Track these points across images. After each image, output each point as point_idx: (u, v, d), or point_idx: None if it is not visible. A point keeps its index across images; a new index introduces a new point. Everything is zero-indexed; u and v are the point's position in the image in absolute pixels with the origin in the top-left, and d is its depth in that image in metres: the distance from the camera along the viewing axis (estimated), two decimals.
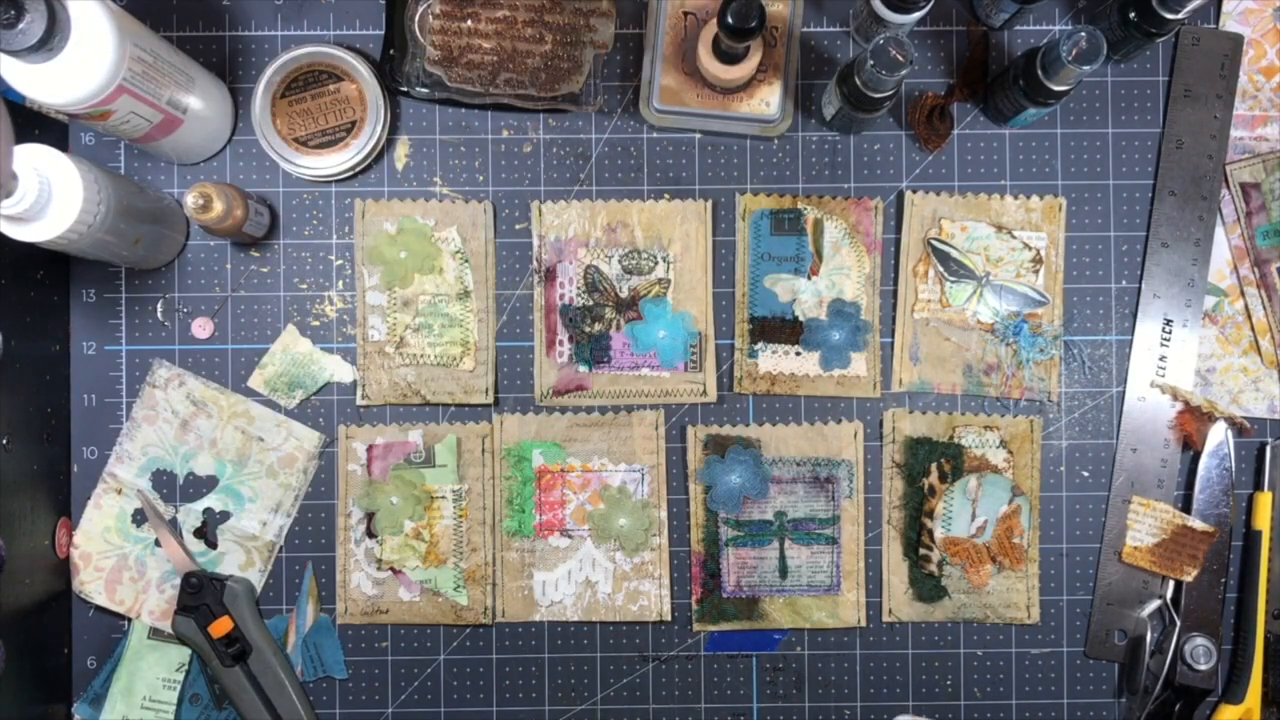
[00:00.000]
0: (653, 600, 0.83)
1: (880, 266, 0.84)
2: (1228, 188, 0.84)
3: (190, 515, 0.83)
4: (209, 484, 0.83)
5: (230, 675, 0.80)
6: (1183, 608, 0.82)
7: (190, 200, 0.74)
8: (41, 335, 0.81)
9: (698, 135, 0.85)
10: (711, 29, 0.77)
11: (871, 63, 0.72)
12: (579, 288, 0.83)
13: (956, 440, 0.83)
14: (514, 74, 0.82)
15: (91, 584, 0.83)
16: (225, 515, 0.83)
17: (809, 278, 0.84)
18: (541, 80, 0.83)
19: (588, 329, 0.83)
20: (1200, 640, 0.80)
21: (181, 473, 0.83)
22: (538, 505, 0.83)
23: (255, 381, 0.84)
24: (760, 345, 0.83)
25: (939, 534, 0.83)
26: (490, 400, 0.83)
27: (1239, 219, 0.84)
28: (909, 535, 0.83)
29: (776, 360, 0.84)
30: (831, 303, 0.83)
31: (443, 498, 0.83)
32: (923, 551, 0.83)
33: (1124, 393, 0.84)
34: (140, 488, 0.83)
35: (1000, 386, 0.83)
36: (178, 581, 0.82)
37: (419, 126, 0.84)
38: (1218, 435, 0.82)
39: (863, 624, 0.83)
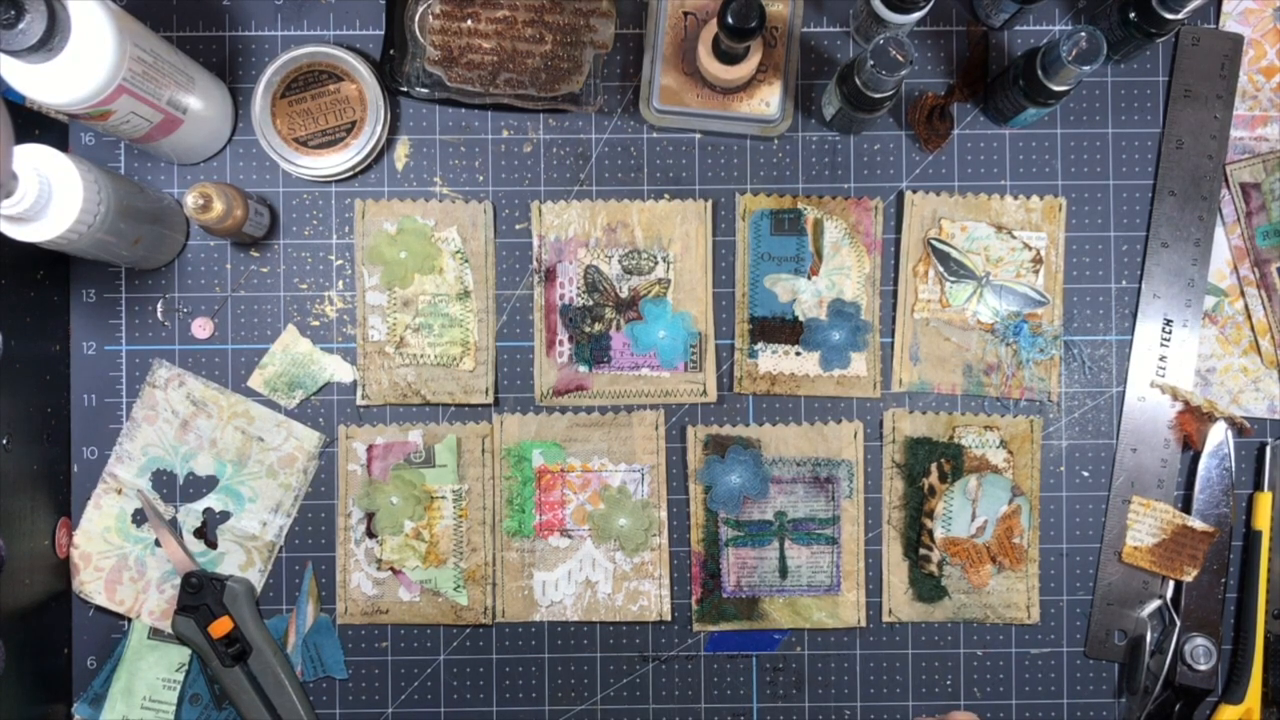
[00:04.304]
0: (653, 600, 0.83)
1: (880, 266, 0.84)
2: (1228, 188, 0.84)
3: (190, 515, 0.83)
4: (209, 484, 0.83)
5: (230, 675, 0.80)
6: (1183, 608, 0.82)
7: (190, 200, 0.74)
8: (41, 335, 0.81)
9: (698, 135, 0.85)
10: (711, 29, 0.77)
11: (871, 63, 0.72)
12: (579, 288, 0.83)
13: (956, 440, 0.83)
14: (514, 74, 0.83)
15: (91, 584, 0.83)
16: (225, 515, 0.83)
17: (809, 278, 0.84)
18: (541, 80, 0.83)
19: (588, 329, 0.83)
20: (1200, 640, 0.81)
21: (181, 473, 0.83)
22: (538, 505, 0.83)
23: (255, 381, 0.84)
24: (760, 345, 0.83)
25: (939, 534, 0.83)
26: (490, 400, 0.83)
27: (1239, 219, 0.84)
28: (909, 535, 0.83)
29: (776, 360, 0.84)
30: (831, 303, 0.83)
31: (443, 498, 0.83)
32: (923, 551, 0.83)
33: (1124, 393, 0.84)
34: (140, 488, 0.83)
35: (1000, 386, 0.83)
36: (178, 581, 0.82)
37: (419, 126, 0.84)
38: (1218, 435, 0.82)
39: (863, 624, 0.83)
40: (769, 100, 0.81)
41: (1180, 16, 0.76)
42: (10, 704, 0.76)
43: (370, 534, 0.83)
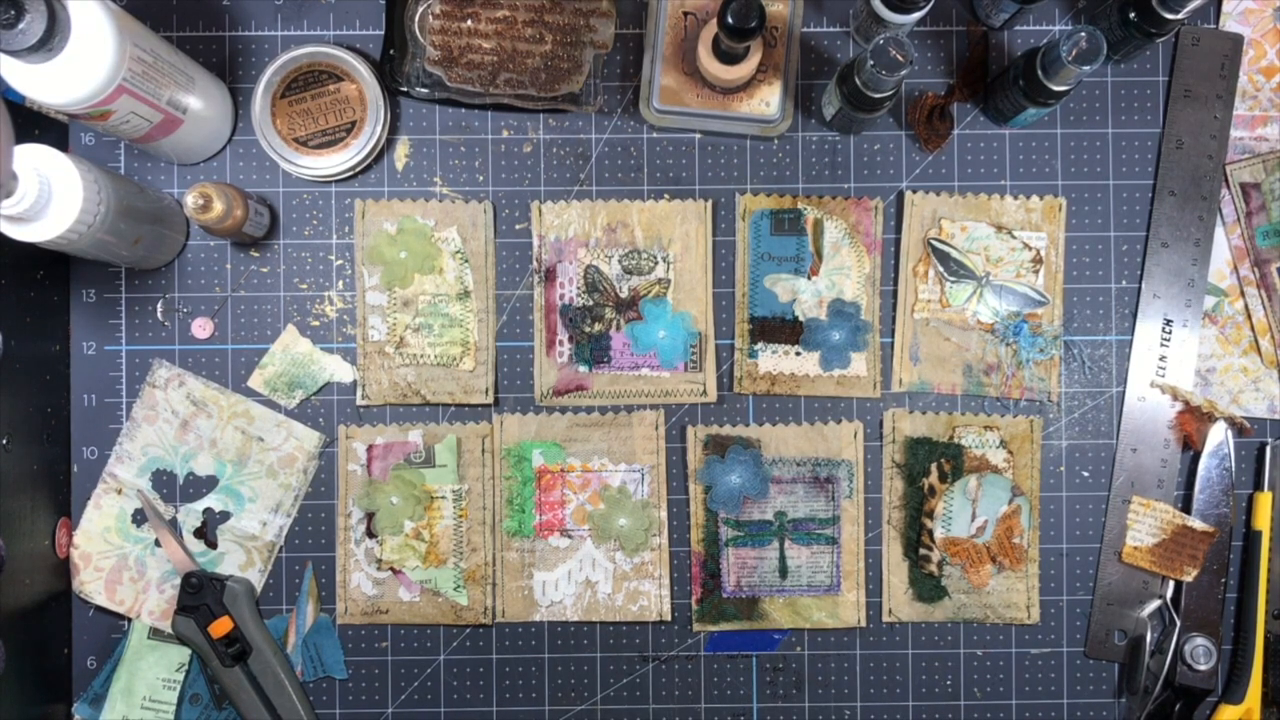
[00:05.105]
0: (653, 600, 0.83)
1: (880, 266, 0.84)
2: (1228, 188, 0.84)
3: (190, 515, 0.83)
4: (209, 484, 0.83)
5: (230, 675, 0.80)
6: (1183, 608, 0.82)
7: (190, 200, 0.74)
8: (41, 335, 0.81)
9: (698, 135, 0.85)
10: (711, 29, 0.77)
11: (871, 63, 0.72)
12: (579, 288, 0.83)
13: (956, 440, 0.83)
14: (514, 74, 0.83)
15: (91, 584, 0.83)
16: (225, 515, 0.83)
17: (809, 278, 0.84)
18: (541, 80, 0.83)
19: (588, 329, 0.83)
20: (1200, 640, 0.81)
21: (181, 473, 0.83)
22: (538, 505, 0.83)
23: (255, 381, 0.84)
24: (760, 345, 0.83)
25: (939, 534, 0.83)
26: (490, 400, 0.83)
27: (1239, 219, 0.84)
28: (909, 535, 0.83)
29: (776, 360, 0.84)
30: (831, 303, 0.83)
31: (443, 498, 0.83)
32: (923, 551, 0.83)
33: (1124, 393, 0.84)
34: (140, 488, 0.83)
35: (1000, 386, 0.83)
36: (178, 581, 0.82)
37: (419, 126, 0.84)
38: (1218, 435, 0.82)
39: (863, 624, 0.83)
40: (769, 100, 0.81)
41: (1180, 16, 0.76)
42: (10, 704, 0.76)
43: (370, 534, 0.83)
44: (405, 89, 0.82)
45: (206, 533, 0.83)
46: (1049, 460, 0.84)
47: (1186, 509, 0.83)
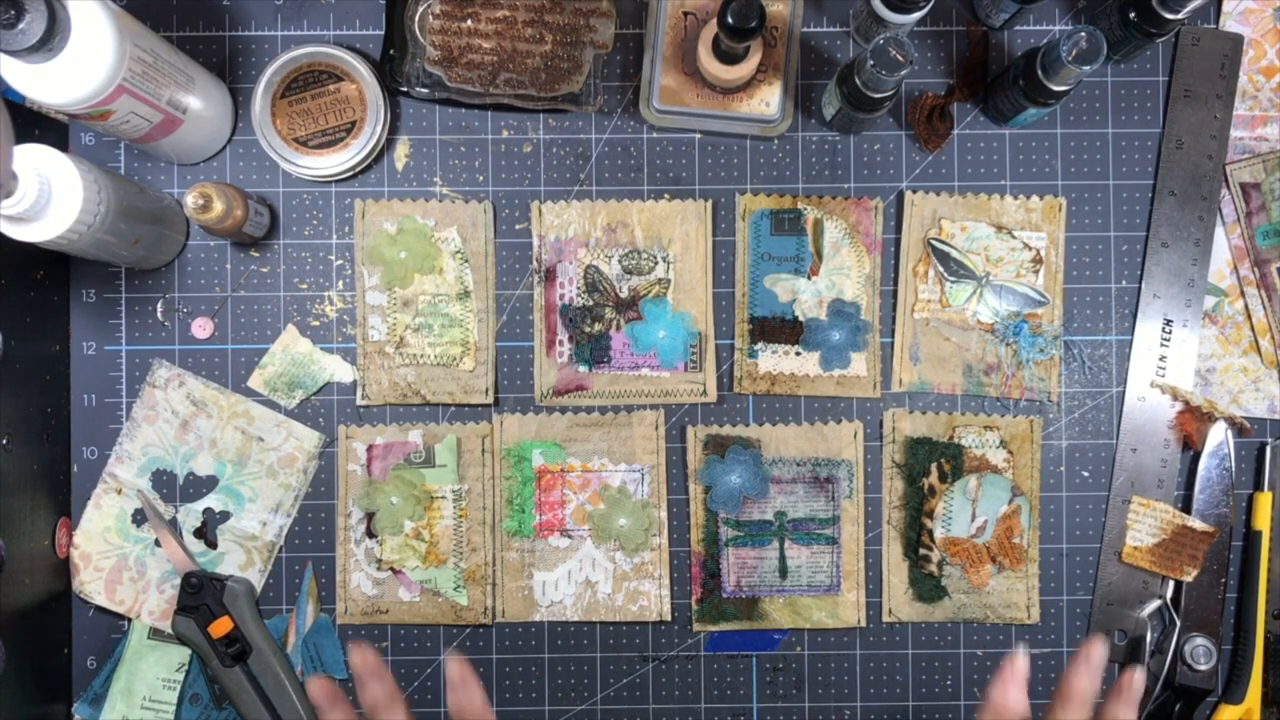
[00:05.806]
0: (653, 600, 0.83)
1: (880, 266, 0.84)
2: (1228, 188, 0.84)
3: (190, 515, 0.83)
4: (209, 484, 0.83)
5: (230, 675, 0.80)
6: (1183, 608, 0.82)
7: (190, 200, 0.74)
8: (41, 335, 0.81)
9: (698, 135, 0.85)
10: (711, 29, 0.77)
11: (871, 63, 0.72)
12: (579, 288, 0.83)
13: (956, 440, 0.83)
14: (514, 74, 0.83)
15: (91, 584, 0.83)
16: (225, 515, 0.83)
17: (809, 278, 0.84)
18: (541, 80, 0.83)
19: (588, 329, 0.83)
20: (1200, 640, 0.81)
21: (181, 473, 0.83)
22: (538, 505, 0.83)
23: (255, 381, 0.84)
24: (760, 345, 0.83)
25: (939, 534, 0.83)
26: (490, 400, 0.83)
27: (1239, 219, 0.84)
28: (909, 535, 0.83)
29: (776, 360, 0.84)
30: (831, 303, 0.83)
31: (443, 498, 0.83)
32: (923, 551, 0.83)
33: (1124, 393, 0.84)
34: (140, 488, 0.83)
35: (1000, 386, 0.83)
36: (178, 581, 0.82)
37: (419, 126, 0.84)
38: (1218, 435, 0.82)
39: (863, 624, 0.83)
40: (769, 100, 0.81)
41: (1180, 16, 0.76)
42: (10, 704, 0.76)
43: (370, 534, 0.83)
44: (405, 89, 0.82)
45: (206, 533, 0.83)
46: (1049, 460, 0.84)
47: (1186, 509, 0.83)
